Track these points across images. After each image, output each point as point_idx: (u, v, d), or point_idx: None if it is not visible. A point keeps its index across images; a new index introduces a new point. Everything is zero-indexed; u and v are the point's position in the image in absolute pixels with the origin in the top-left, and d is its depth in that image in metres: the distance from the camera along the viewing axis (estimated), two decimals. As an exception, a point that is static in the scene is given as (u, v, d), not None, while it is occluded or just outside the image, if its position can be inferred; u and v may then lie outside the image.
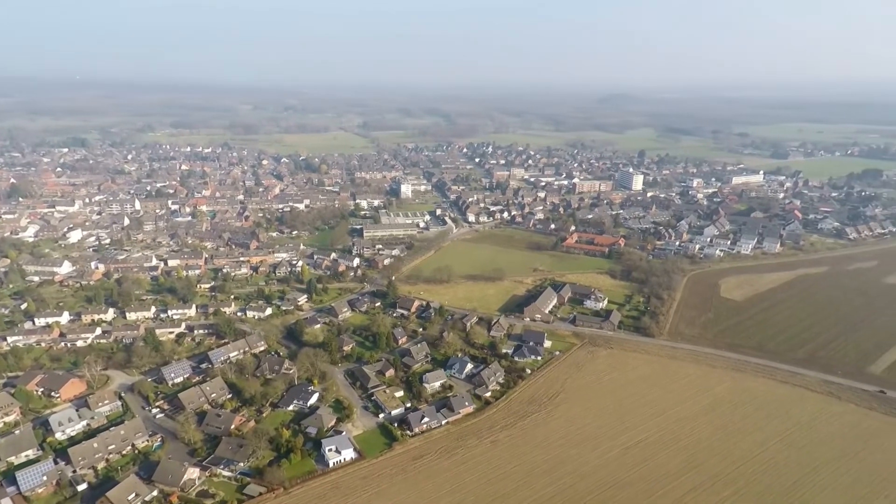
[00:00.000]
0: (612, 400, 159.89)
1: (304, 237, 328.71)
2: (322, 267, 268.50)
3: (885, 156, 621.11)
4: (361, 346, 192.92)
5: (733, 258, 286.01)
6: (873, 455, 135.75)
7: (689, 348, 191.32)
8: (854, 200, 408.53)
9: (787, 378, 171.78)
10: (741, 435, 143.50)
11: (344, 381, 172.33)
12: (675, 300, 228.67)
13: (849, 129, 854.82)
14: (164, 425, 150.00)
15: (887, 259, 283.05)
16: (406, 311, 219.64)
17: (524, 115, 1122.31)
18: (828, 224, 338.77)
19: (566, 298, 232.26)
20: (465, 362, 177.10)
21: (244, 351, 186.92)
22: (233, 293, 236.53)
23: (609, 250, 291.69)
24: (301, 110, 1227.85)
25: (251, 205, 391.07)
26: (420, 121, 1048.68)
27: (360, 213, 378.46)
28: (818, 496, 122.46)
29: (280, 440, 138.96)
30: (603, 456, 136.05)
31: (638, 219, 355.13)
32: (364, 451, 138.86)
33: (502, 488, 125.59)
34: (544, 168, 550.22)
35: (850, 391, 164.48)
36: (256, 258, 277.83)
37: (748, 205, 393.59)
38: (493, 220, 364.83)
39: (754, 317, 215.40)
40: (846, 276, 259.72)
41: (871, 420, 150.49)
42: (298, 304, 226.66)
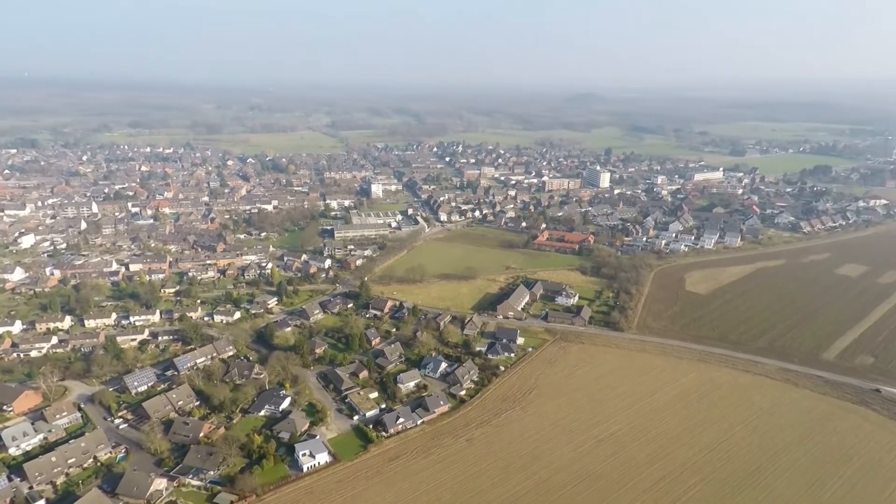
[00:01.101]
0: (584, 394, 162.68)
1: (274, 239, 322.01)
2: (292, 269, 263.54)
3: (833, 152, 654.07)
4: (334, 349, 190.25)
5: (697, 253, 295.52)
6: (828, 438, 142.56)
7: (657, 341, 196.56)
8: (807, 195, 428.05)
9: (748, 367, 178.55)
10: (707, 424, 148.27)
11: (317, 384, 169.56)
12: (642, 295, 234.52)
13: (800, 127, 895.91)
14: (128, 436, 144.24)
15: (838, 251, 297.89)
16: (379, 311, 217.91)
17: (493, 114, 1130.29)
18: (783, 218, 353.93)
19: (538, 295, 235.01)
20: (439, 361, 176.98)
21: (212, 356, 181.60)
22: (199, 297, 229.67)
23: (579, 247, 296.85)
24: (267, 109, 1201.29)
25: (217, 206, 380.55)
26: (389, 120, 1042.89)
27: (331, 214, 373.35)
28: (778, 479, 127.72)
29: (252, 446, 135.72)
30: (576, 449, 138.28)
31: (606, 216, 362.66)
32: (339, 455, 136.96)
33: (479, 485, 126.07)
34: (514, 167, 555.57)
35: (806, 377, 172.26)
36: (224, 261, 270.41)
37: (710, 201, 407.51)
38: (465, 219, 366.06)
39: (718, 309, 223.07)
40: (801, 269, 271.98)
41: (824, 405, 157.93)
42: (268, 307, 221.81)
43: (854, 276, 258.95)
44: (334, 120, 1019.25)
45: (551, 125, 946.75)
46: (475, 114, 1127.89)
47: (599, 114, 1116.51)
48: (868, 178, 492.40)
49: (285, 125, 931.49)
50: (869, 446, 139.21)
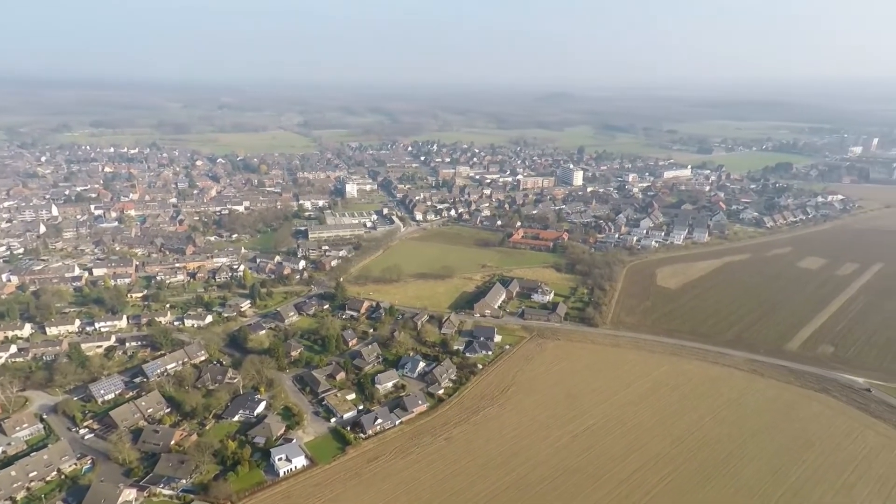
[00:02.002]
0: (560, 389, 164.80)
1: (245, 240, 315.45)
2: (266, 271, 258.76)
3: (794, 150, 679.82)
4: (310, 351, 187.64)
5: (667, 248, 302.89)
6: (791, 425, 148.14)
7: (631, 336, 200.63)
8: (769, 192, 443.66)
9: (717, 359, 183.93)
10: (679, 415, 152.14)
11: (293, 387, 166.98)
12: (616, 290, 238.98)
13: (763, 125, 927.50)
14: (94, 446, 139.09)
15: (799, 245, 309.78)
16: (356, 312, 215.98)
17: (467, 113, 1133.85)
18: (748, 214, 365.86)
19: (514, 293, 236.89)
20: (417, 361, 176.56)
21: (183, 362, 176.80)
22: (168, 301, 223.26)
23: (553, 245, 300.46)
24: (237, 108, 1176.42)
25: (185, 208, 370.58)
26: (363, 119, 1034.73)
27: (305, 214, 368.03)
28: (746, 466, 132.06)
29: (225, 452, 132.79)
30: (554, 444, 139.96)
31: (580, 213, 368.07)
32: (316, 458, 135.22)
33: (458, 483, 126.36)
34: (489, 165, 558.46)
35: (771, 367, 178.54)
36: (193, 264, 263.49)
37: (679, 198, 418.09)
38: (441, 218, 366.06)
39: (688, 303, 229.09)
40: (765, 262, 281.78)
41: (788, 393, 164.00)
42: (241, 311, 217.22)
43: (814, 269, 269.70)
44: (307, 119, 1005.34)
45: (525, 124, 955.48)
46: (450, 113, 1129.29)
47: (572, 113, 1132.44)
48: (826, 175, 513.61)
49: (256, 124, 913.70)
50: (829, 431, 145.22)
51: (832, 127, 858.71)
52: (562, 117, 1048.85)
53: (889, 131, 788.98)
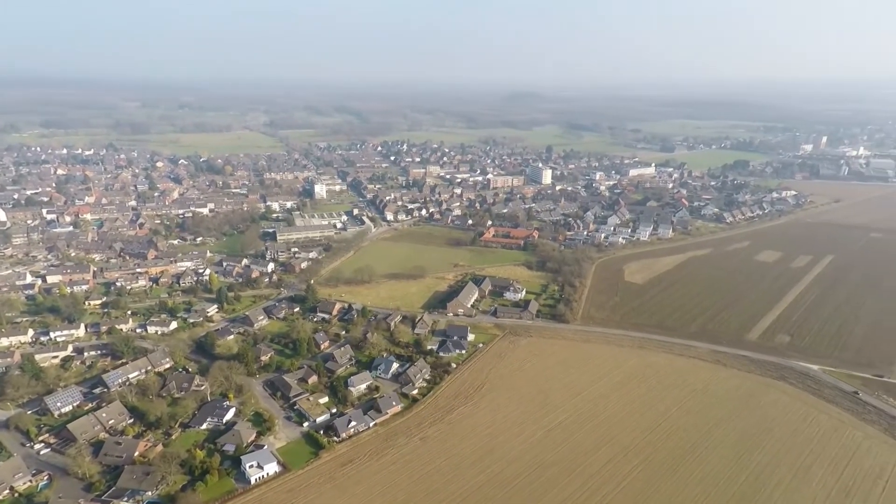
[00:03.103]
0: (533, 386, 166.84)
1: (211, 243, 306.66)
2: (233, 274, 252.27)
3: (750, 148, 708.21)
4: (281, 355, 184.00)
5: (634, 244, 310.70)
6: (752, 412, 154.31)
7: (601, 331, 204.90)
8: (728, 188, 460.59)
9: (683, 351, 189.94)
10: (647, 407, 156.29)
11: (263, 392, 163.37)
12: (585, 287, 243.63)
13: (721, 124, 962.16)
14: (51, 461, 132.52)
15: (757, 239, 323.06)
16: (327, 314, 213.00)
17: (436, 112, 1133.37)
18: (709, 210, 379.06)
19: (487, 291, 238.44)
20: (390, 362, 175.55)
21: (146, 370, 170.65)
22: (129, 308, 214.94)
23: (524, 243, 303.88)
24: (198, 108, 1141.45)
25: (146, 211, 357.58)
26: (330, 119, 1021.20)
27: (272, 216, 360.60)
28: (711, 454, 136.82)
29: (193, 462, 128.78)
30: (527, 440, 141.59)
31: (549, 211, 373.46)
32: (289, 463, 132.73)
33: (433, 483, 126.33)
34: (459, 165, 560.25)
35: (733, 358, 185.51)
36: (156, 268, 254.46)
37: (644, 195, 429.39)
38: (412, 218, 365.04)
39: (654, 297, 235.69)
40: (726, 256, 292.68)
41: (749, 382, 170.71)
42: (208, 316, 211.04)
43: (771, 262, 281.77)
44: (272, 119, 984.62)
45: (494, 123, 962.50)
46: (419, 112, 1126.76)
47: (540, 112, 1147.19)
48: (780, 172, 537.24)
49: (220, 124, 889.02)
50: (787, 417, 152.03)
51: (785, 126, 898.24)
52: (530, 117, 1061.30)
53: (836, 130, 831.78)
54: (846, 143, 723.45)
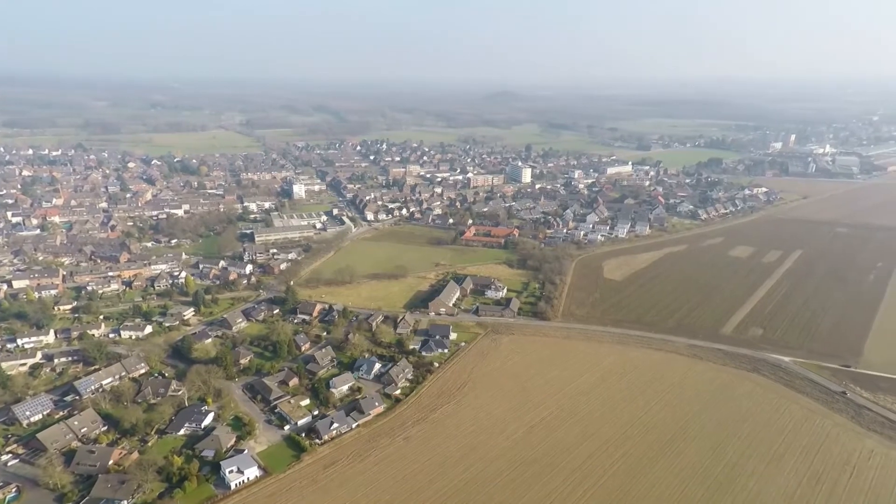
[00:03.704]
0: (515, 383, 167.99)
1: (186, 246, 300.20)
2: (210, 276, 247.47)
3: (723, 146, 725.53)
4: (261, 357, 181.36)
5: (612, 242, 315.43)
6: (727, 404, 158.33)
7: (581, 327, 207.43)
8: (702, 186, 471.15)
9: (660, 346, 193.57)
10: (627, 401, 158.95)
11: (243, 396, 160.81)
12: (566, 284, 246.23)
13: (695, 123, 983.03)
14: (20, 472, 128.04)
15: (730, 235, 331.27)
16: (308, 315, 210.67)
17: (416, 111, 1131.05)
18: (684, 207, 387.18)
19: (468, 290, 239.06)
20: (372, 362, 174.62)
21: (120, 376, 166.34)
22: (102, 313, 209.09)
23: (505, 241, 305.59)
24: (172, 107, 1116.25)
25: (117, 213, 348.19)
26: (309, 118, 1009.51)
27: (250, 217, 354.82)
28: (689, 446, 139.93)
29: (171, 469, 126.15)
30: (510, 437, 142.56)
31: (529, 210, 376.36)
32: (270, 467, 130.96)
33: (417, 483, 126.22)
34: (439, 164, 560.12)
35: (708, 351, 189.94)
36: (129, 272, 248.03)
37: (621, 193, 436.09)
38: (393, 218, 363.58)
39: (633, 294, 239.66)
40: (701, 252, 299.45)
41: (724, 374, 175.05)
42: (184, 319, 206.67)
43: (744, 257, 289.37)
44: (249, 118, 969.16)
45: (474, 122, 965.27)
46: (398, 111, 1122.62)
47: (519, 111, 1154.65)
48: (752, 169, 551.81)
49: (194, 124, 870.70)
50: (761, 407, 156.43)
51: (755, 125, 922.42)
52: (509, 116, 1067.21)
53: (804, 128, 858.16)
54: (813, 142, 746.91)
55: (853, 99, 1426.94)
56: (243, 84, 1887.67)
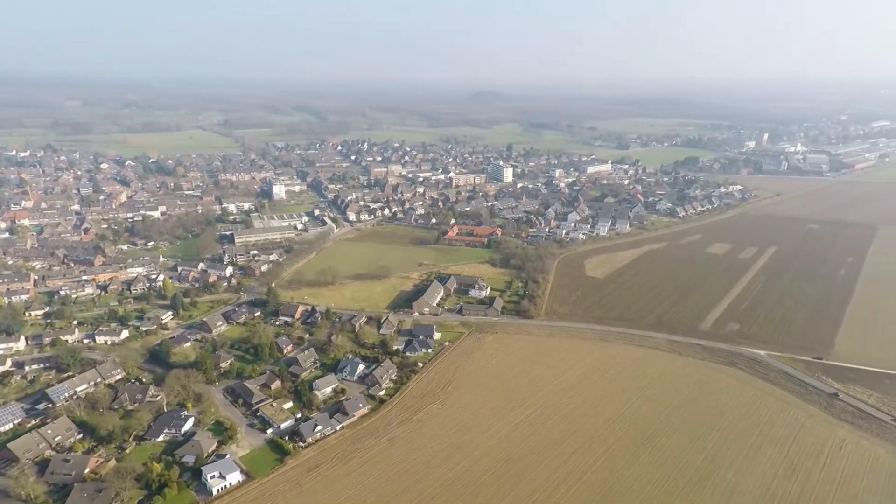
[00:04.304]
0: (500, 382, 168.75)
1: (164, 248, 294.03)
2: (189, 279, 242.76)
3: (699, 145, 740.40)
4: (242, 361, 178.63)
5: (594, 240, 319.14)
6: (706, 398, 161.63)
7: (564, 325, 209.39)
8: (680, 184, 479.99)
9: (642, 342, 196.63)
10: (609, 397, 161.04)
11: (224, 400, 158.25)
12: (548, 282, 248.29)
13: (672, 122, 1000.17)
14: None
15: (707, 232, 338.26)
16: (290, 317, 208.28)
17: (397, 111, 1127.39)
18: (663, 205, 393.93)
19: (452, 290, 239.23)
20: (356, 364, 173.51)
21: (95, 382, 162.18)
22: (75, 318, 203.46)
23: (488, 240, 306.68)
24: (146, 107, 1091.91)
25: (91, 215, 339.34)
26: (288, 118, 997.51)
27: (229, 218, 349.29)
28: (670, 439, 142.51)
29: (150, 476, 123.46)
30: (495, 436, 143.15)
31: (511, 209, 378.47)
32: (253, 472, 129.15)
33: (402, 484, 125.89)
34: (421, 164, 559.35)
35: (688, 346, 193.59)
36: (104, 275, 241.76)
37: (601, 191, 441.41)
38: (375, 218, 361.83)
39: (614, 291, 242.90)
40: (680, 249, 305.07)
41: (703, 369, 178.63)
42: (162, 323, 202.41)
43: (721, 254, 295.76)
44: (227, 118, 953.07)
45: (455, 122, 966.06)
46: (379, 111, 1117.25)
47: (500, 111, 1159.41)
48: (727, 167, 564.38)
49: (170, 124, 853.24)
50: (738, 401, 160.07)
51: (730, 124, 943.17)
52: (490, 115, 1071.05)
53: (776, 127, 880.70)
54: (785, 140, 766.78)
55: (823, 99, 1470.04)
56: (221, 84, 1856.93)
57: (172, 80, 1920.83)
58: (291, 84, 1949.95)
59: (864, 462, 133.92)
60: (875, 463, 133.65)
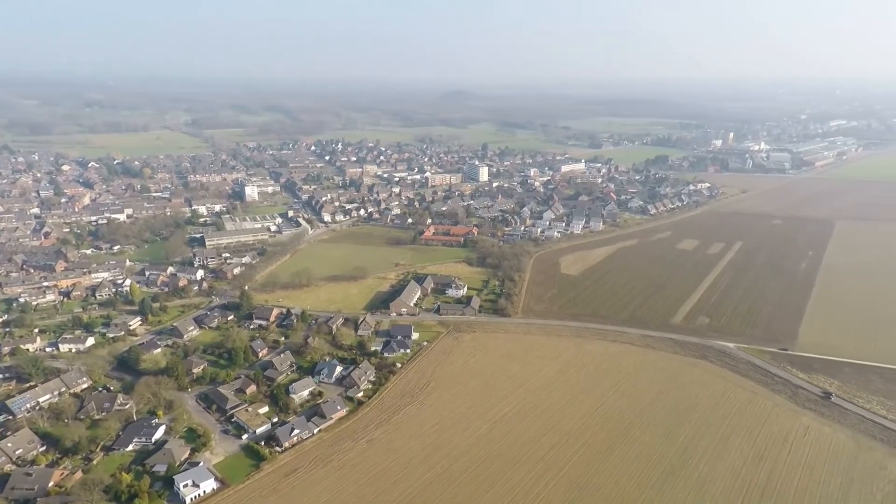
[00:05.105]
0: (478, 380, 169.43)
1: (131, 252, 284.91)
2: (157, 283, 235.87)
3: (669, 144, 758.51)
4: (215, 366, 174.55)
5: (568, 238, 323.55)
6: (679, 390, 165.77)
7: (540, 322, 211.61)
8: (651, 182, 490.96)
9: (616, 337, 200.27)
10: (585, 393, 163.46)
11: (197, 406, 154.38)
12: (525, 281, 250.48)
13: (642, 122, 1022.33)
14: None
15: (677, 229, 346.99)
16: (265, 321, 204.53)
17: (371, 111, 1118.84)
18: (635, 203, 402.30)
19: (429, 289, 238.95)
20: (333, 366, 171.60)
21: (59, 392, 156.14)
22: (36, 326, 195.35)
23: (464, 240, 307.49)
24: (110, 107, 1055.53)
25: (51, 219, 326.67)
26: (260, 118, 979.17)
27: (200, 221, 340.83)
28: (645, 432, 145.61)
29: (119, 487, 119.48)
30: (474, 434, 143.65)
31: (487, 208, 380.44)
32: (228, 479, 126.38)
33: (382, 485, 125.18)
34: (396, 163, 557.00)
35: (661, 341, 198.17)
36: (66, 281, 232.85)
37: (575, 190, 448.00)
38: (350, 219, 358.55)
39: (589, 288, 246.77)
40: (651, 246, 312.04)
41: (675, 363, 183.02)
42: (130, 329, 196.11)
43: (690, 250, 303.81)
44: (196, 118, 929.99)
45: (430, 122, 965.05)
46: (352, 111, 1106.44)
47: (474, 110, 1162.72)
48: (695, 165, 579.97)
49: (135, 124, 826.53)
50: (708, 393, 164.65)
51: (697, 123, 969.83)
52: (465, 115, 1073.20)
53: (741, 126, 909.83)
54: (749, 139, 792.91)
55: (783, 99, 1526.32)
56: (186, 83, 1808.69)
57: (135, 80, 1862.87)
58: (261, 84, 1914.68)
59: (826, 448, 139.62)
60: (836, 448, 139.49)
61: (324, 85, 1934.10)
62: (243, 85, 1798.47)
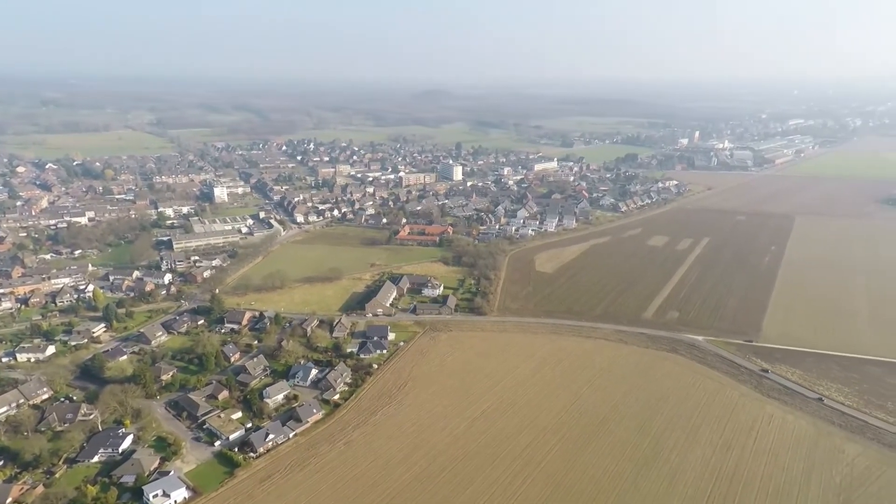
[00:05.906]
0: (455, 379, 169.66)
1: (93, 256, 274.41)
2: (122, 288, 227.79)
3: (638, 142, 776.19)
4: (185, 372, 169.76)
5: (542, 236, 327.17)
6: (650, 384, 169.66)
7: (516, 320, 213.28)
8: (622, 180, 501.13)
9: (590, 333, 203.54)
10: (560, 389, 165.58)
11: (166, 414, 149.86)
12: (500, 279, 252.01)
13: (613, 121, 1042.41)
14: None
15: (647, 226, 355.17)
16: (237, 324, 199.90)
17: (343, 110, 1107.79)
18: (606, 200, 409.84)
19: (405, 289, 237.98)
20: (308, 368, 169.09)
21: (17, 404, 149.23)
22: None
23: (439, 239, 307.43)
24: (67, 105, 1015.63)
25: (6, 223, 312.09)
26: (228, 117, 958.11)
27: (167, 223, 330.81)
28: (619, 425, 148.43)
29: (85, 500, 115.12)
30: (452, 433, 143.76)
31: (461, 207, 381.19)
32: (200, 487, 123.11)
33: (360, 487, 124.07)
34: (370, 163, 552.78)
35: (633, 335, 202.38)
36: (23, 288, 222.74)
37: (548, 188, 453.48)
38: (324, 219, 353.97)
39: (563, 285, 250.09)
40: (622, 243, 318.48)
41: (647, 357, 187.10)
42: (94, 336, 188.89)
43: (660, 246, 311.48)
44: (160, 117, 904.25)
45: (403, 121, 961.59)
46: (324, 110, 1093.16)
47: (447, 110, 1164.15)
48: (663, 163, 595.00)
49: (96, 123, 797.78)
50: (679, 385, 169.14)
51: (665, 122, 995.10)
52: (438, 114, 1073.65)
53: (706, 125, 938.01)
54: (714, 138, 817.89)
55: (745, 98, 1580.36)
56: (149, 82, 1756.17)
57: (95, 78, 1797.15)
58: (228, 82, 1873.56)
59: (790, 435, 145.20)
60: (799, 434, 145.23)
61: (296, 84, 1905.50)
62: (208, 84, 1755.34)
